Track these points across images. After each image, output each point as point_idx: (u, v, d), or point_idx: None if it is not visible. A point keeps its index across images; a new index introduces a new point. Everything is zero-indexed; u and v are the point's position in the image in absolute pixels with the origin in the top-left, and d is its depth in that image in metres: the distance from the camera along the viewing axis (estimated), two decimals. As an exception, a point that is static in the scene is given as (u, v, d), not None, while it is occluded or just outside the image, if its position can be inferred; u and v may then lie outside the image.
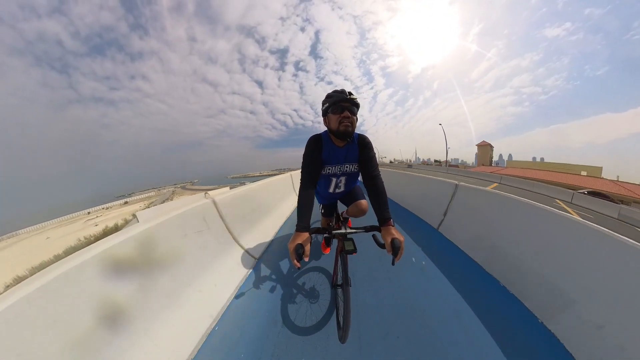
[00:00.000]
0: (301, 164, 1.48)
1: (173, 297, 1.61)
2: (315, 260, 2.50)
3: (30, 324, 0.95)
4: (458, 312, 1.74)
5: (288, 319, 1.74)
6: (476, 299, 1.86)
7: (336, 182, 1.69)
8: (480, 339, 1.53)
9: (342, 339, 1.35)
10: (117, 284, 1.32)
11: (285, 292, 2.05)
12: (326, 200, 2.08)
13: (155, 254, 1.59)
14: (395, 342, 1.51)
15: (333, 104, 1.35)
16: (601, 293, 1.43)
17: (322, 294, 1.98)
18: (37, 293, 0.99)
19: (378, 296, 1.93)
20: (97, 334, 1.16)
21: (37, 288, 0.99)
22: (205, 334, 1.61)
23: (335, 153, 1.50)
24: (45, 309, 1.01)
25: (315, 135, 1.50)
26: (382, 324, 1.65)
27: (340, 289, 1.52)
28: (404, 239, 1.16)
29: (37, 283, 1.01)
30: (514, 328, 1.60)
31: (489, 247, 2.34)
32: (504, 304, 1.82)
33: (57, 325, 1.03)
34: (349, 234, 1.34)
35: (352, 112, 1.35)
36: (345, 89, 1.36)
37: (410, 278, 2.16)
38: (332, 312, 1.76)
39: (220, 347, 1.54)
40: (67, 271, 1.11)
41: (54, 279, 1.06)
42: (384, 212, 1.29)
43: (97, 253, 1.26)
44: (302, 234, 1.20)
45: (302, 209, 1.31)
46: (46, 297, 1.02)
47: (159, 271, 1.59)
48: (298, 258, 1.12)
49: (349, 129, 1.35)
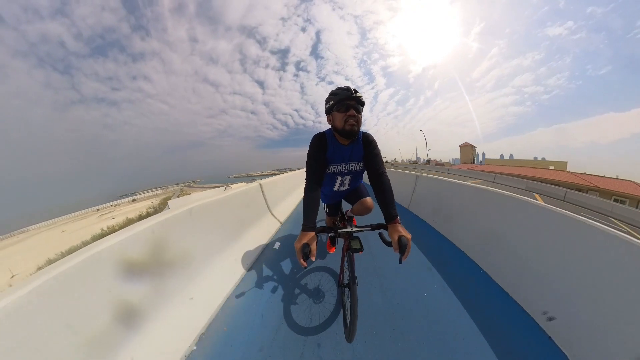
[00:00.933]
0: (306, 164, 1.47)
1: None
2: (321, 259, 2.48)
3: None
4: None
5: (292, 318, 1.73)
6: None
7: (341, 180, 1.67)
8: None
9: (349, 339, 1.33)
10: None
11: (290, 291, 2.04)
12: (330, 199, 2.07)
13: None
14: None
15: (338, 102, 1.31)
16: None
17: (328, 293, 1.97)
18: (43, 288, 0.99)
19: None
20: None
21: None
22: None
23: (340, 151, 1.47)
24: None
25: (319, 133, 1.48)
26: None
27: (347, 288, 1.50)
28: (411, 237, 1.15)
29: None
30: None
31: (444, 216, 3.36)
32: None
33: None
34: (355, 232, 1.32)
35: (358, 110, 1.32)
36: (350, 86, 1.32)
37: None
38: (338, 312, 1.74)
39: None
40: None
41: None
42: (390, 209, 1.27)
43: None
44: (308, 233, 1.19)
45: (308, 209, 1.30)
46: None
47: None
48: (304, 257, 1.11)
49: (355, 127, 1.32)
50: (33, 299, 0.95)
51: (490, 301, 1.83)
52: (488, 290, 1.97)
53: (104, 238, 1.37)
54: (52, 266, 1.10)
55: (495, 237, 2.33)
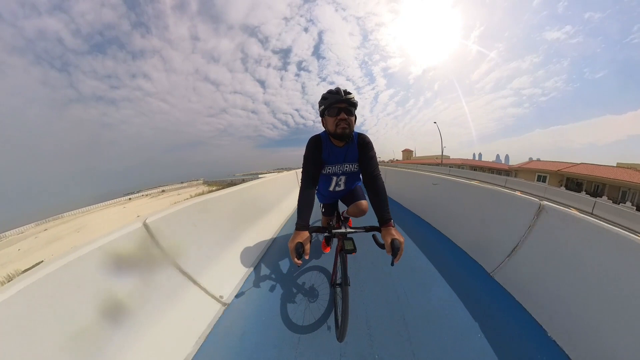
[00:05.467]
0: (302, 164, 1.48)
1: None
2: (315, 259, 2.50)
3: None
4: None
5: (287, 317, 1.74)
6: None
7: (336, 180, 1.69)
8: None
9: (340, 338, 1.35)
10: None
11: (284, 290, 2.05)
12: (327, 199, 2.08)
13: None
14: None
15: (328, 106, 1.31)
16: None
17: (321, 293, 1.99)
18: (35, 287, 0.99)
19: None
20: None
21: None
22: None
23: (335, 153, 1.49)
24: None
25: (315, 135, 1.49)
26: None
27: (339, 288, 1.52)
28: (404, 240, 1.16)
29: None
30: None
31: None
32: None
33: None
34: (349, 233, 1.33)
35: (349, 112, 1.32)
36: (340, 88, 1.31)
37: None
38: (331, 311, 1.76)
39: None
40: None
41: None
42: (384, 212, 1.28)
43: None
44: (302, 232, 1.20)
45: (302, 208, 1.31)
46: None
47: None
48: (298, 257, 1.12)
49: (346, 131, 1.32)
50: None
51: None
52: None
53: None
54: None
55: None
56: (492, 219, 2.46)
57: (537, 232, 1.91)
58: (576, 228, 1.62)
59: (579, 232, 1.60)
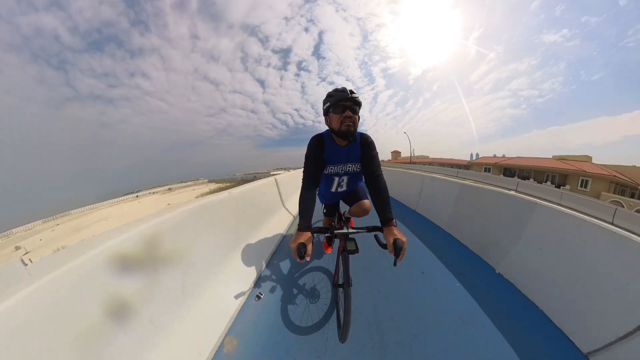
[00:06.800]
0: (303, 164, 1.47)
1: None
2: (317, 259, 2.49)
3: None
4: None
5: (288, 318, 1.74)
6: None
7: (338, 181, 1.68)
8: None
9: (342, 339, 1.34)
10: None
11: (286, 291, 2.05)
12: (328, 200, 2.07)
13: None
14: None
15: (334, 103, 1.32)
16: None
17: (323, 293, 1.98)
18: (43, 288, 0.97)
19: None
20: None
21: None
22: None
23: (337, 152, 1.48)
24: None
25: (317, 134, 1.48)
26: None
27: (341, 288, 1.51)
28: (406, 240, 1.15)
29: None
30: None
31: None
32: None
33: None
34: (351, 233, 1.33)
35: (354, 111, 1.32)
36: (346, 88, 1.32)
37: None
38: (333, 312, 1.76)
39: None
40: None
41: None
42: (386, 212, 1.28)
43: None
44: (304, 233, 1.20)
45: (304, 209, 1.32)
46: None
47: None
48: (300, 257, 1.12)
49: (351, 128, 1.33)
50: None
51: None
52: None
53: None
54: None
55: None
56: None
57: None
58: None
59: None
